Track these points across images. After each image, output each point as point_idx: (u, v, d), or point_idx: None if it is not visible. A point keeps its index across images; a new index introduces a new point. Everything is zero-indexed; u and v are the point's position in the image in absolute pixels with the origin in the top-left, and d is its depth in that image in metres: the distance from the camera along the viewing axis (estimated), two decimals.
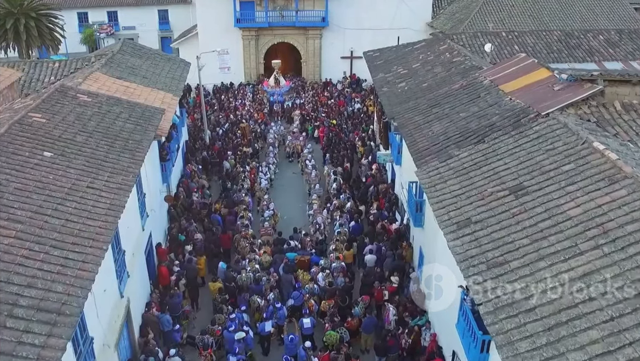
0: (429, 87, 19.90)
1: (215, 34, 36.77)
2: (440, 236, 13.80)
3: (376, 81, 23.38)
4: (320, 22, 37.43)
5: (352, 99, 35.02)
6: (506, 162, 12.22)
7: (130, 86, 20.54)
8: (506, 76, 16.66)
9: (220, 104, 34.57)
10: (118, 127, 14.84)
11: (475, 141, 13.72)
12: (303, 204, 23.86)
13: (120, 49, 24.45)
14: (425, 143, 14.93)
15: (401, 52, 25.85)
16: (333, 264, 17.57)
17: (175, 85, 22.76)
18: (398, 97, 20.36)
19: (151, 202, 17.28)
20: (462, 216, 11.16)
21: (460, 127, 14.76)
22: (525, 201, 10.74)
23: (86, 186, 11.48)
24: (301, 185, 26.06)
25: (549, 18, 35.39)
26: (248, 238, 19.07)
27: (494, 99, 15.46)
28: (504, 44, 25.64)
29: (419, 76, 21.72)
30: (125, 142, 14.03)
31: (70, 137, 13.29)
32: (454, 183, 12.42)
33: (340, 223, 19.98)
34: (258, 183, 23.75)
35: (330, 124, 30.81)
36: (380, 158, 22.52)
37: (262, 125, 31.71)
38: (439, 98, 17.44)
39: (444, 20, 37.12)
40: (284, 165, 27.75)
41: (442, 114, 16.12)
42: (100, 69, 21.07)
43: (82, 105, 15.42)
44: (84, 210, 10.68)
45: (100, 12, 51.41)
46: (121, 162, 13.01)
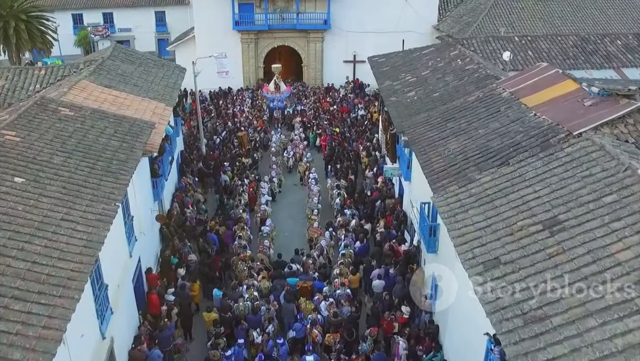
0: (440, 98, 18.49)
1: (213, 37, 35.35)
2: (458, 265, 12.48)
3: (383, 89, 21.97)
4: (322, 25, 36.00)
5: (356, 105, 33.60)
6: (536, 190, 10.82)
7: (120, 96, 19.13)
8: (528, 87, 15.27)
9: (218, 110, 33.15)
10: (101, 145, 13.44)
11: (498, 163, 12.32)
12: (305, 219, 22.46)
13: (111, 54, 23.06)
14: (441, 163, 13.53)
15: (408, 57, 24.44)
16: (337, 291, 16.17)
17: (169, 93, 21.36)
18: (407, 108, 18.95)
19: (140, 224, 15.88)
20: (489, 254, 9.76)
21: (480, 146, 13.36)
22: (563, 238, 9.35)
23: (60, 219, 10.07)
24: (303, 197, 24.65)
25: (561, 21, 33.99)
26: (246, 260, 17.66)
27: (516, 114, 14.06)
28: (517, 49, 24.27)
29: (429, 84, 20.31)
30: (108, 163, 12.62)
31: (47, 159, 11.89)
32: (476, 213, 11.02)
33: (345, 244, 18.57)
34: (259, 200, 22.26)
35: (333, 132, 29.40)
36: (388, 172, 21.12)
37: (262, 133, 30.31)
38: (454, 111, 16.04)
39: (450, 23, 35.71)
40: (284, 176, 26.30)
41: (459, 130, 14.73)
42: (88, 76, 19.68)
43: (63, 120, 14.02)
44: (55, 249, 9.27)
45: (95, 13, 49.96)
46: (103, 187, 11.60)
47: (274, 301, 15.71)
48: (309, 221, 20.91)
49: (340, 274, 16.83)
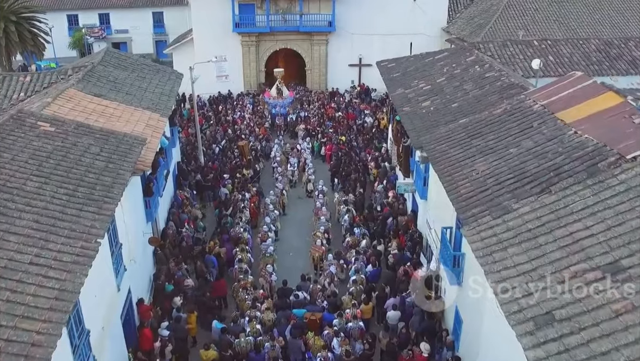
0: (460, 109, 16.92)
1: (212, 40, 33.77)
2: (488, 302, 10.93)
3: (395, 97, 20.39)
4: (327, 27, 34.37)
5: (362, 111, 31.99)
6: (588, 226, 9.24)
7: (110, 106, 17.59)
8: (562, 100, 13.68)
9: (217, 116, 31.54)
10: (84, 166, 11.85)
11: (537, 191, 10.73)
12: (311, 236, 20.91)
13: (102, 59, 21.50)
14: (469, 187, 11.94)
15: (421, 63, 22.85)
16: (349, 324, 14.61)
17: (165, 102, 19.78)
18: (423, 120, 17.37)
19: (131, 250, 14.30)
20: (540, 307, 8.18)
21: (513, 169, 11.77)
22: (630, 291, 7.77)
23: (28, 262, 8.50)
24: (308, 212, 23.07)
25: (577, 23, 32.43)
26: (248, 288, 16.08)
27: (553, 131, 12.47)
28: (537, 54, 22.69)
29: (445, 93, 18.73)
30: (91, 190, 11.04)
31: (19, 185, 10.31)
32: (517, 252, 9.43)
33: (356, 268, 16.98)
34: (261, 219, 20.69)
35: (339, 141, 27.82)
36: (401, 188, 19.53)
37: (264, 141, 28.73)
38: (479, 125, 14.45)
39: (461, 25, 34.12)
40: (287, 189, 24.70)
41: (486, 148, 13.13)
42: (76, 84, 18.13)
43: (42, 137, 12.44)
44: (20, 304, 7.71)
45: (91, 14, 48.40)
46: (82, 219, 10.02)
47: (279, 337, 14.13)
48: (313, 236, 19.37)
49: (352, 305, 15.27)
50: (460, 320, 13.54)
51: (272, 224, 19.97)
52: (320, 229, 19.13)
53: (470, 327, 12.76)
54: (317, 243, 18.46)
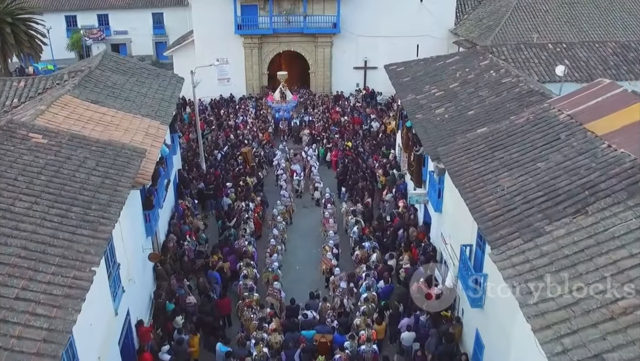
0: (477, 118, 16.05)
1: (214, 42, 32.87)
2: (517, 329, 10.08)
3: (406, 103, 19.51)
4: (331, 29, 33.45)
5: (368, 115, 31.09)
6: (633, 254, 8.36)
7: (108, 113, 16.70)
8: (590, 110, 12.80)
9: (219, 121, 30.63)
10: (79, 183, 10.96)
11: (572, 211, 9.84)
12: (319, 248, 20.04)
13: (99, 63, 20.59)
14: (494, 206, 11.05)
15: (431, 67, 21.97)
16: (362, 346, 13.72)
17: (165, 109, 18.89)
18: (438, 129, 16.50)
19: (129, 269, 13.41)
20: (587, 349, 7.30)
21: (543, 185, 10.88)
22: None
23: (14, 297, 7.62)
24: (315, 222, 22.20)
25: (588, 25, 31.55)
26: (254, 307, 15.18)
27: (583, 144, 11.58)
28: (552, 58, 21.83)
29: (460, 100, 17.85)
30: (85, 209, 10.14)
31: (6, 206, 9.42)
32: (555, 281, 8.54)
33: (367, 285, 16.09)
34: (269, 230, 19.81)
35: (345, 147, 26.92)
36: (413, 199, 18.65)
37: (268, 146, 27.85)
38: (500, 136, 13.56)
39: (469, 26, 33.23)
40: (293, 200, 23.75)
41: (510, 161, 12.25)
42: (72, 90, 17.23)
43: (34, 150, 11.56)
44: (2, 349, 6.80)
45: (89, 15, 47.43)
46: (76, 244, 9.13)
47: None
48: (322, 250, 18.49)
49: (365, 325, 14.39)
50: (482, 345, 12.66)
51: (280, 236, 19.07)
52: (330, 244, 18.24)
53: (495, 354, 11.88)
54: (328, 256, 17.59)
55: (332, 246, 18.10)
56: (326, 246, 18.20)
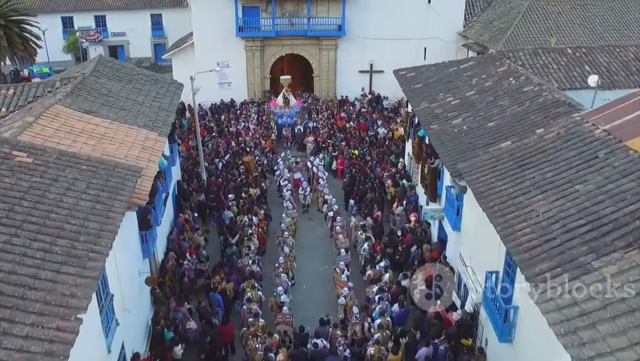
0: (498, 130, 14.90)
1: (214, 45, 31.73)
2: None
3: (420, 112, 18.37)
4: (336, 31, 32.30)
5: (375, 121, 29.94)
6: None
7: (102, 124, 15.58)
8: (629, 125, 11.66)
9: (220, 127, 29.46)
10: (66, 209, 9.80)
11: (622, 245, 8.70)
12: (328, 265, 18.97)
13: (94, 69, 19.48)
14: (530, 235, 9.90)
15: (444, 73, 20.82)
16: None
17: (163, 118, 17.77)
18: (456, 141, 15.36)
19: (124, 298, 12.27)
20: None
21: (584, 212, 9.74)
22: None
23: None
24: (321, 236, 21.10)
25: (602, 27, 30.42)
26: (260, 335, 14.03)
27: (626, 165, 10.44)
28: (572, 63, 20.70)
29: (478, 109, 16.71)
30: (72, 241, 8.99)
31: None
32: (612, 331, 7.40)
33: (381, 309, 14.96)
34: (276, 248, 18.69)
35: (351, 155, 25.79)
36: (427, 215, 17.52)
37: (271, 154, 26.71)
38: (528, 153, 12.42)
39: (478, 29, 32.09)
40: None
41: (544, 182, 11.10)
42: (64, 99, 16.12)
43: (17, 171, 10.40)
44: None
45: (86, 16, 46.31)
46: (60, 286, 7.98)
47: None
48: (334, 273, 17.33)
49: (380, 355, 13.28)
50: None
51: (290, 254, 17.95)
52: (341, 265, 17.10)
53: None
54: (343, 278, 16.45)
55: (343, 268, 16.96)
56: (337, 268, 17.04)
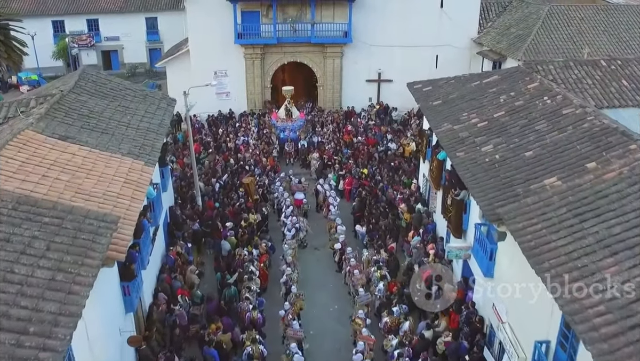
0: (540, 162, 12.80)
1: (211, 52, 29.59)
2: None
3: (442, 136, 16.28)
4: (342, 38, 30.12)
5: (384, 135, 27.83)
6: None
7: (78, 153, 13.54)
8: None
9: (218, 142, 27.33)
10: (16, 284, 7.70)
11: None
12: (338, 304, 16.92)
13: (75, 84, 17.37)
14: (606, 316, 7.79)
15: (465, 88, 18.75)
16: None
17: (151, 143, 15.67)
18: (489, 175, 13.26)
19: None
20: None
21: None
22: None
23: None
24: (329, 267, 19.03)
25: (628, 34, 28.35)
26: None
27: None
28: (608, 78, 18.65)
29: (511, 135, 14.61)
30: (19, 335, 6.89)
31: None
32: None
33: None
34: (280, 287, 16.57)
35: (360, 175, 23.70)
36: (452, 253, 15.39)
37: (272, 173, 24.60)
38: (585, 197, 10.33)
39: (494, 35, 29.98)
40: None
41: (613, 240, 9.01)
42: (36, 123, 14.04)
43: None
44: None
45: (78, 20, 44.08)
46: None
47: None
48: (353, 324, 15.04)
49: None
50: None
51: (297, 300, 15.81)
52: (360, 314, 14.91)
53: None
54: (364, 332, 14.25)
55: (363, 317, 14.79)
56: (357, 318, 14.83)
